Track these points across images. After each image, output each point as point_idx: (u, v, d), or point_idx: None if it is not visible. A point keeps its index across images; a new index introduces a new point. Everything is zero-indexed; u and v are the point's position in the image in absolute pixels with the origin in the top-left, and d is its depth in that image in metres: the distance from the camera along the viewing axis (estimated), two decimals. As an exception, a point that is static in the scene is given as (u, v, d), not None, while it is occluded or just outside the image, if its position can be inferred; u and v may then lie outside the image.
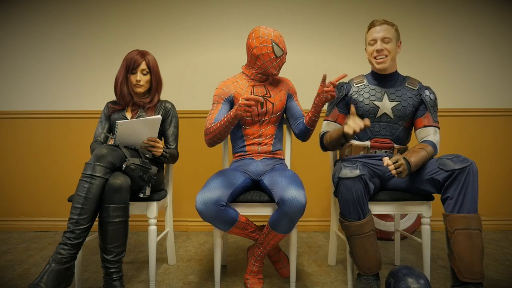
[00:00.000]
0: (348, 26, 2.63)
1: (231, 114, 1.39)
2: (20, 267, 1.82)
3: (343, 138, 1.44)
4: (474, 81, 2.62)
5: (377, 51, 1.52)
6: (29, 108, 2.65)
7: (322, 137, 1.64)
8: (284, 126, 2.66)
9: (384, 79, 1.59)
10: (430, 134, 1.53)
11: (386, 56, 1.52)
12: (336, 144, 1.49)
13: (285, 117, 1.77)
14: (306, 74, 2.62)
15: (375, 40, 1.53)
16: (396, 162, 1.33)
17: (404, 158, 1.34)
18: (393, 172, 1.30)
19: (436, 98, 1.57)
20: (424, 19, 2.63)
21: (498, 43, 2.62)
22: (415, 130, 1.59)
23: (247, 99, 1.28)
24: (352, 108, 1.43)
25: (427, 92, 1.57)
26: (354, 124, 1.36)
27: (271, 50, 1.55)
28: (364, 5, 2.63)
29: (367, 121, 1.34)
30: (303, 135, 1.61)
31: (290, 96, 1.69)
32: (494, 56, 2.62)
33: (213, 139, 1.52)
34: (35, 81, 2.66)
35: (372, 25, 1.55)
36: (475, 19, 2.63)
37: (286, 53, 1.62)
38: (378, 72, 1.59)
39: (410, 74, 2.63)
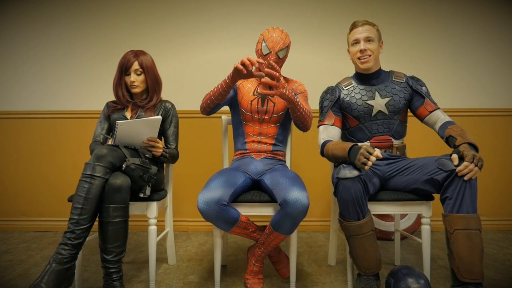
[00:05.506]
0: (348, 26, 2.63)
1: (229, 74, 1.42)
2: (20, 267, 1.82)
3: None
4: (474, 81, 2.62)
5: (361, 51, 1.54)
6: (29, 108, 2.65)
7: (323, 146, 1.55)
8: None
9: (370, 78, 1.61)
10: (440, 116, 1.54)
11: (370, 55, 1.54)
12: (339, 161, 1.46)
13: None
14: (305, 74, 2.63)
15: (358, 41, 1.55)
16: (473, 159, 1.27)
17: (469, 149, 1.30)
18: (473, 171, 1.26)
19: (427, 87, 1.64)
20: (424, 18, 2.63)
21: (498, 43, 2.62)
22: (422, 119, 1.59)
23: (248, 59, 1.34)
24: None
25: (418, 86, 1.59)
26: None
27: (260, 48, 1.59)
28: (365, 4, 2.63)
29: (378, 153, 1.27)
30: (297, 126, 1.61)
31: (295, 95, 1.68)
32: (494, 56, 2.62)
33: (206, 102, 1.54)
34: (35, 81, 2.66)
35: (354, 26, 1.57)
36: (475, 18, 2.63)
37: (275, 52, 1.57)
38: (362, 72, 1.61)
39: (410, 73, 2.62)
